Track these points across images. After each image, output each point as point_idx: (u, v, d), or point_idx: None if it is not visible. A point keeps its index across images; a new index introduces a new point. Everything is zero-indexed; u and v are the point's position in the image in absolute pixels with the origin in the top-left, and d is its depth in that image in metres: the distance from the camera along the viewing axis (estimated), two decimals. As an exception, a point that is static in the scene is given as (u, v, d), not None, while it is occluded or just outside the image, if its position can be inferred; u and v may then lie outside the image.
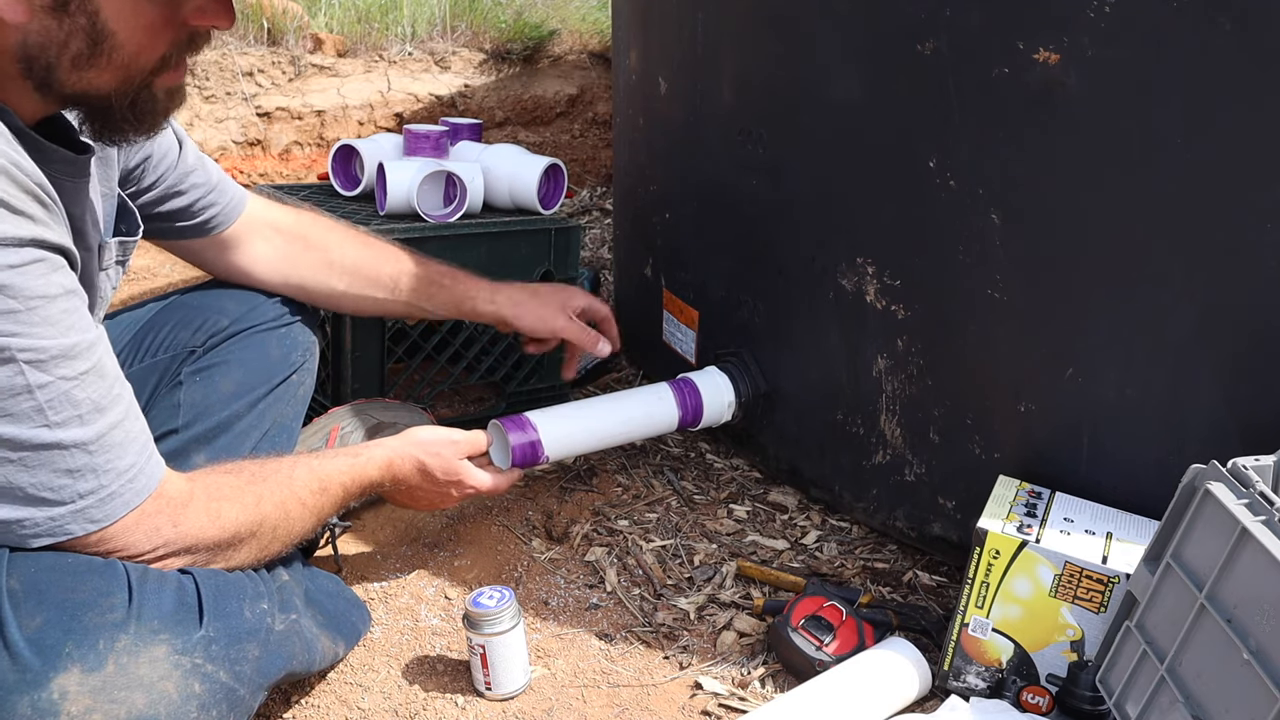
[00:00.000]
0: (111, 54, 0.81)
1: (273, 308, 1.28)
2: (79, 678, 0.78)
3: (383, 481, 1.15)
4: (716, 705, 1.15)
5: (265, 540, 0.98)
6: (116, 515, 0.84)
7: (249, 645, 0.89)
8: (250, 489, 0.97)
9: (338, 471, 1.08)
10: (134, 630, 0.81)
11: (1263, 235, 1.05)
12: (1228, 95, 1.03)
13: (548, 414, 1.38)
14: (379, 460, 1.14)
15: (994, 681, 1.14)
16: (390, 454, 1.16)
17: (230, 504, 0.94)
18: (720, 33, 1.51)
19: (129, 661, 0.80)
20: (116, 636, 0.80)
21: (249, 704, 0.90)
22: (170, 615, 0.84)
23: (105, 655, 0.79)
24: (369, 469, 1.12)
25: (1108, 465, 1.21)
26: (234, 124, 2.63)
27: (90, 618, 0.80)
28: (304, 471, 1.04)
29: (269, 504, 0.98)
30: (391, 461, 1.16)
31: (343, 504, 1.09)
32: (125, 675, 0.79)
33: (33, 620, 0.79)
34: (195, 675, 0.83)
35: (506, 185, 1.71)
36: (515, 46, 3.08)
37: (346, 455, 1.12)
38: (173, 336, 1.21)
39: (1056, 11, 1.09)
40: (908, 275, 1.30)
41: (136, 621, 0.82)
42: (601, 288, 2.30)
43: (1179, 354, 1.13)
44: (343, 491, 1.08)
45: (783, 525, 1.53)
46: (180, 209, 1.21)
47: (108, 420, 0.83)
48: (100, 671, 0.78)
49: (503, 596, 1.12)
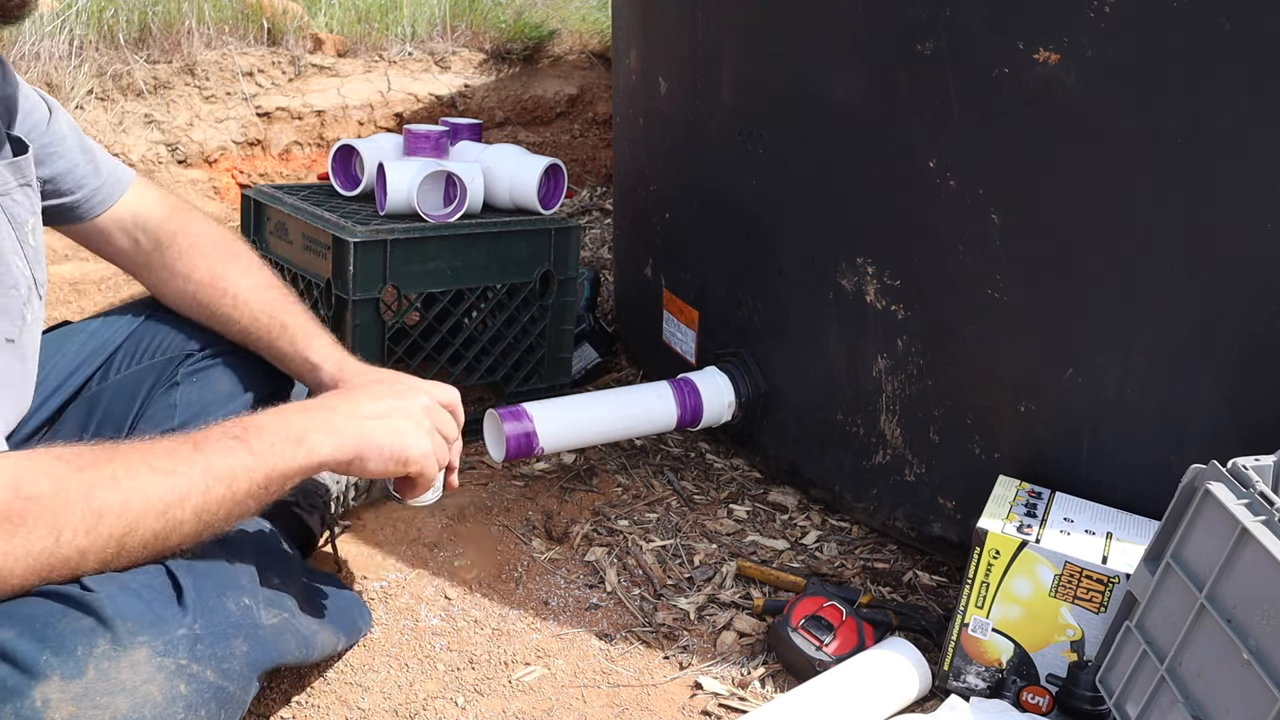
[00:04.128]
0: None
1: None
2: (60, 685, 0.76)
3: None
4: (716, 705, 1.15)
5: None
6: None
7: (235, 641, 0.87)
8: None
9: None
10: (111, 634, 0.80)
11: (1263, 235, 1.05)
12: (1228, 95, 1.03)
13: (544, 405, 1.37)
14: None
15: (994, 681, 1.14)
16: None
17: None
18: (720, 33, 1.51)
19: (109, 666, 0.78)
20: (94, 642, 0.79)
21: (240, 699, 0.88)
22: (148, 614, 0.82)
23: (84, 661, 0.78)
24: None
25: (1108, 465, 1.21)
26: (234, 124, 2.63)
27: (63, 624, 0.79)
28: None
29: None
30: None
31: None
32: (107, 680, 0.78)
33: (3, 633, 0.77)
34: (180, 676, 0.82)
35: (506, 185, 1.71)
36: (515, 46, 3.08)
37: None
38: (170, 338, 1.20)
39: (1056, 11, 1.09)
40: (908, 275, 1.30)
41: (113, 625, 0.80)
42: (601, 288, 2.30)
43: (1179, 354, 1.13)
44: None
45: (783, 525, 1.53)
46: (49, 178, 1.10)
47: None
48: (81, 678, 0.77)
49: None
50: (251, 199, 1.77)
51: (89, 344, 1.19)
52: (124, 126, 2.46)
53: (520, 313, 1.71)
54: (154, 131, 2.53)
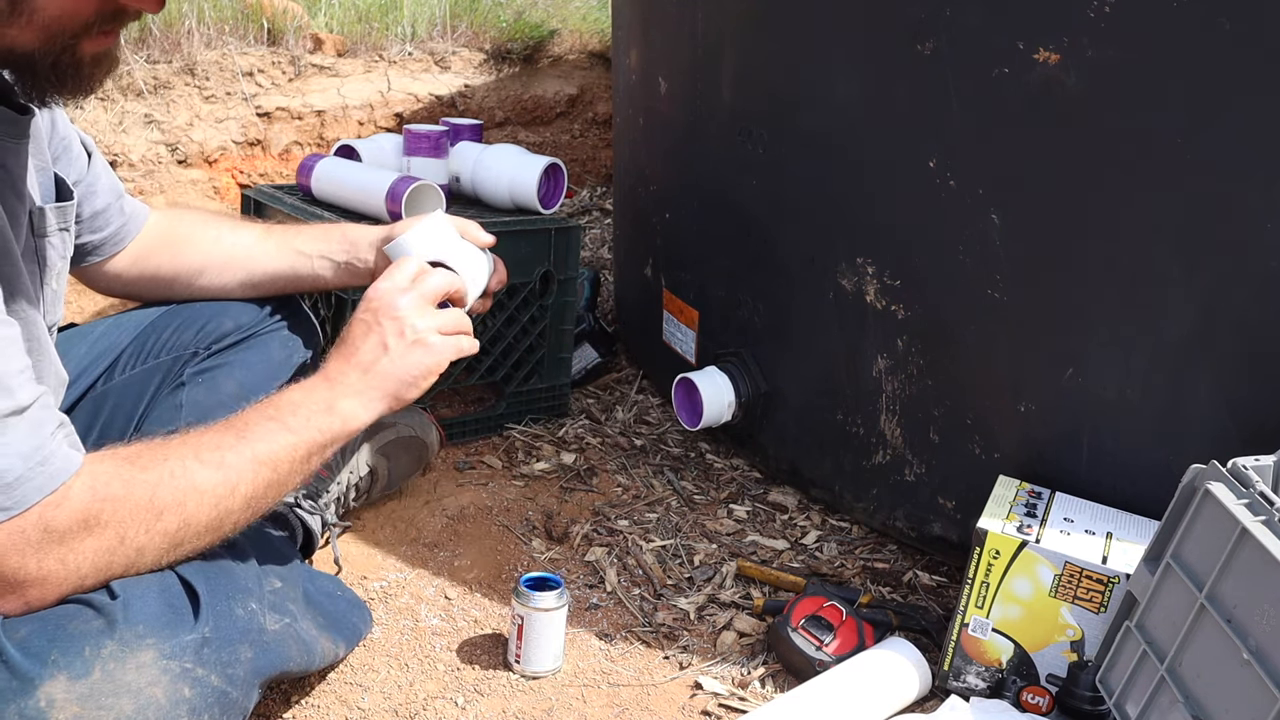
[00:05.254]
0: (32, 14, 0.81)
1: (276, 309, 1.27)
2: (65, 685, 0.77)
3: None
4: (716, 705, 1.15)
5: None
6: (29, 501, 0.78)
7: (241, 647, 0.88)
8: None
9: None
10: (119, 635, 0.80)
11: (1263, 235, 1.05)
12: (1227, 95, 1.03)
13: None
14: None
15: (994, 681, 1.14)
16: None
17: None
18: (720, 33, 1.51)
19: (115, 668, 0.79)
20: (102, 643, 0.80)
21: (243, 705, 0.88)
22: (156, 618, 0.83)
23: (91, 662, 0.79)
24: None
25: (1108, 465, 1.21)
26: (234, 124, 2.62)
27: (75, 625, 0.80)
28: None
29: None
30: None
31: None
32: (112, 681, 0.79)
33: (17, 632, 0.78)
34: (185, 680, 0.82)
35: (506, 185, 1.71)
36: (515, 46, 3.08)
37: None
38: (176, 338, 1.21)
39: (1056, 11, 1.09)
40: (908, 275, 1.30)
41: (122, 627, 0.81)
42: (601, 287, 2.30)
43: (1179, 354, 1.13)
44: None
45: (783, 525, 1.53)
46: (83, 218, 1.15)
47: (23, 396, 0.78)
48: (87, 679, 0.78)
49: (556, 578, 1.17)
50: (252, 199, 1.78)
51: (96, 347, 1.20)
52: (124, 126, 2.46)
53: (520, 313, 1.71)
54: (154, 131, 2.53)
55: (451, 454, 1.66)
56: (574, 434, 1.76)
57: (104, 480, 0.82)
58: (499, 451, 1.68)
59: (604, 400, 1.90)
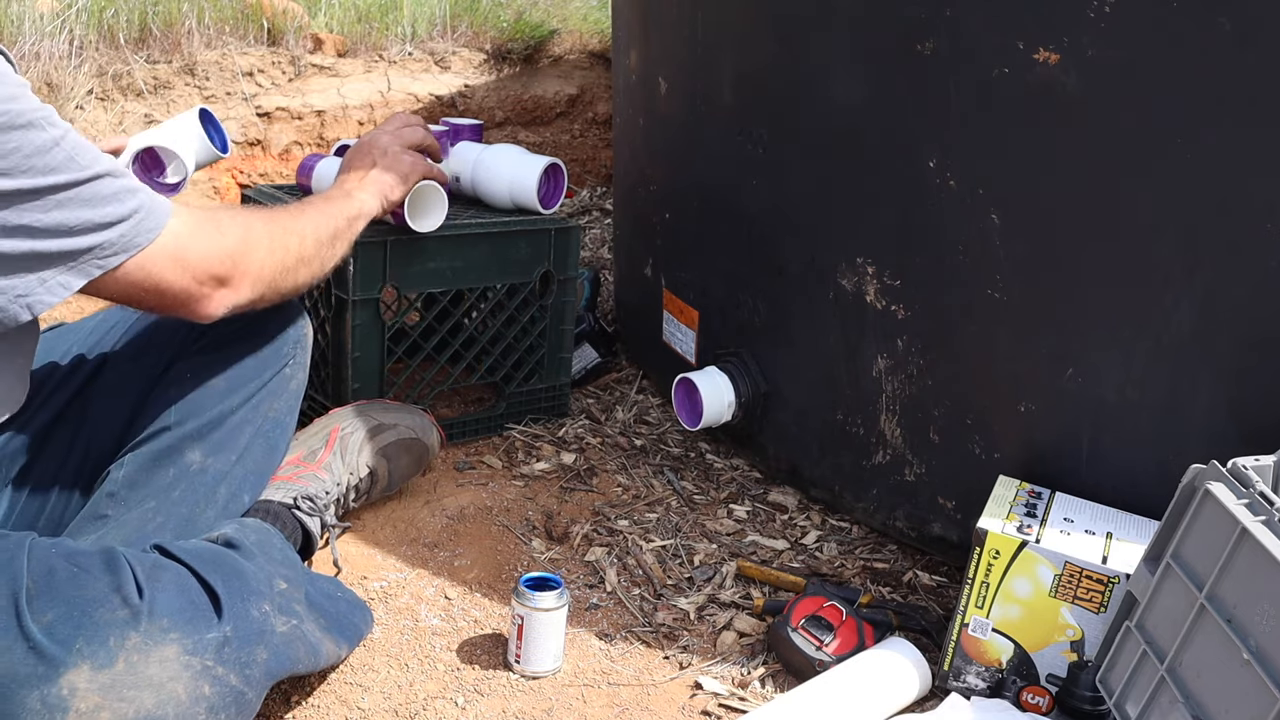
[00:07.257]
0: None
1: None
2: (89, 674, 0.78)
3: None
4: (716, 705, 1.15)
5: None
6: (163, 223, 0.95)
7: (258, 648, 0.89)
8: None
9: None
10: (144, 628, 0.81)
11: (1263, 235, 1.05)
12: (1227, 95, 1.03)
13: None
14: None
15: (994, 681, 1.14)
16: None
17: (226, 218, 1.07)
18: (720, 33, 1.51)
19: (139, 660, 0.80)
20: (127, 634, 0.80)
21: (255, 706, 0.90)
22: (180, 613, 0.84)
23: (116, 653, 0.79)
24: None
25: (1108, 465, 1.21)
26: (234, 124, 2.62)
27: (101, 614, 0.80)
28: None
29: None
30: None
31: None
32: (135, 674, 0.79)
33: (44, 616, 0.79)
34: (205, 677, 0.83)
35: (506, 185, 1.71)
36: (515, 46, 3.08)
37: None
38: (163, 334, 1.21)
39: (1056, 11, 1.09)
40: (908, 275, 1.30)
41: (147, 619, 0.81)
42: (601, 288, 2.30)
43: (1179, 354, 1.13)
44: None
45: (783, 525, 1.53)
46: None
47: (107, 159, 0.93)
48: (110, 669, 0.78)
49: (556, 578, 1.17)
50: (251, 199, 1.77)
51: (86, 341, 1.20)
52: (124, 126, 2.45)
53: (520, 313, 1.71)
54: (154, 131, 2.53)
55: (451, 454, 1.66)
56: (574, 434, 1.76)
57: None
58: (499, 451, 1.68)
59: (604, 400, 1.90)
